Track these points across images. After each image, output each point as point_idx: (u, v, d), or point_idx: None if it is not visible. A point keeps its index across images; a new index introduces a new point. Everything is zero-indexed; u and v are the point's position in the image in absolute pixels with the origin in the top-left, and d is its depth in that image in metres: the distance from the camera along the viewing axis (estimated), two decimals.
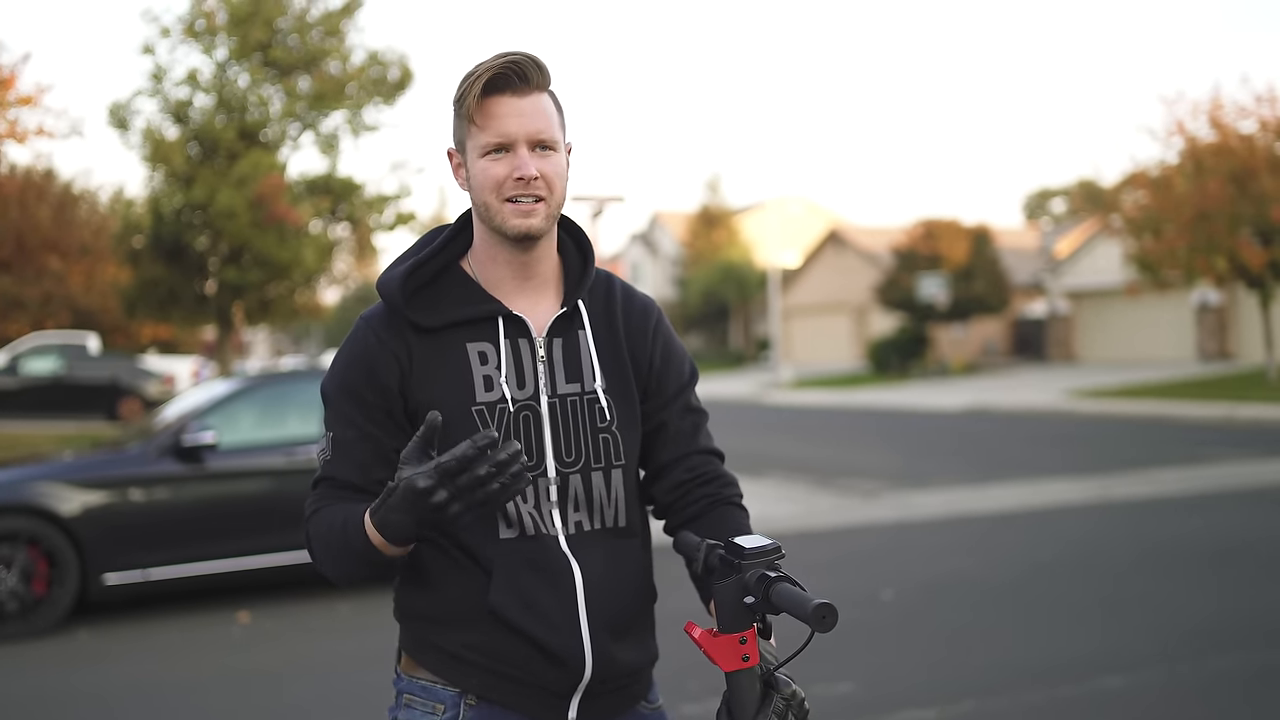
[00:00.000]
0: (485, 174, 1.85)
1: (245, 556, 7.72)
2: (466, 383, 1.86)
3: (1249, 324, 32.52)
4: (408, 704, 1.90)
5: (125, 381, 22.46)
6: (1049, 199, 79.80)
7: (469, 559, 1.85)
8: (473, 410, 1.84)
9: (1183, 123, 25.36)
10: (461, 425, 1.83)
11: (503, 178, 1.83)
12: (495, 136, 1.83)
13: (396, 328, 1.88)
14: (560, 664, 1.84)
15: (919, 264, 37.35)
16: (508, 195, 1.84)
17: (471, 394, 1.86)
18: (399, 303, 1.87)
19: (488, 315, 1.90)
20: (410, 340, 1.87)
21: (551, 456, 1.87)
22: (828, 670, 5.65)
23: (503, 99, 1.83)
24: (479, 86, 1.82)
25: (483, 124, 1.83)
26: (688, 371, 2.07)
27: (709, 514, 1.99)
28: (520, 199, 1.84)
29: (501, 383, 1.87)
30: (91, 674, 6.40)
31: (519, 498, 1.85)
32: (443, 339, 1.88)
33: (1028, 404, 24.08)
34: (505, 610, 1.82)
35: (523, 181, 1.83)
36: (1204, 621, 6.51)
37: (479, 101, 1.83)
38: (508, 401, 1.86)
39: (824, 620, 1.57)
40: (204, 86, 19.86)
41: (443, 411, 1.83)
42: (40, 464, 7.82)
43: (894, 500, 11.77)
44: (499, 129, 1.83)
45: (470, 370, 1.87)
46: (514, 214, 1.84)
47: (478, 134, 1.84)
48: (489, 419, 1.84)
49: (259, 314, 21.95)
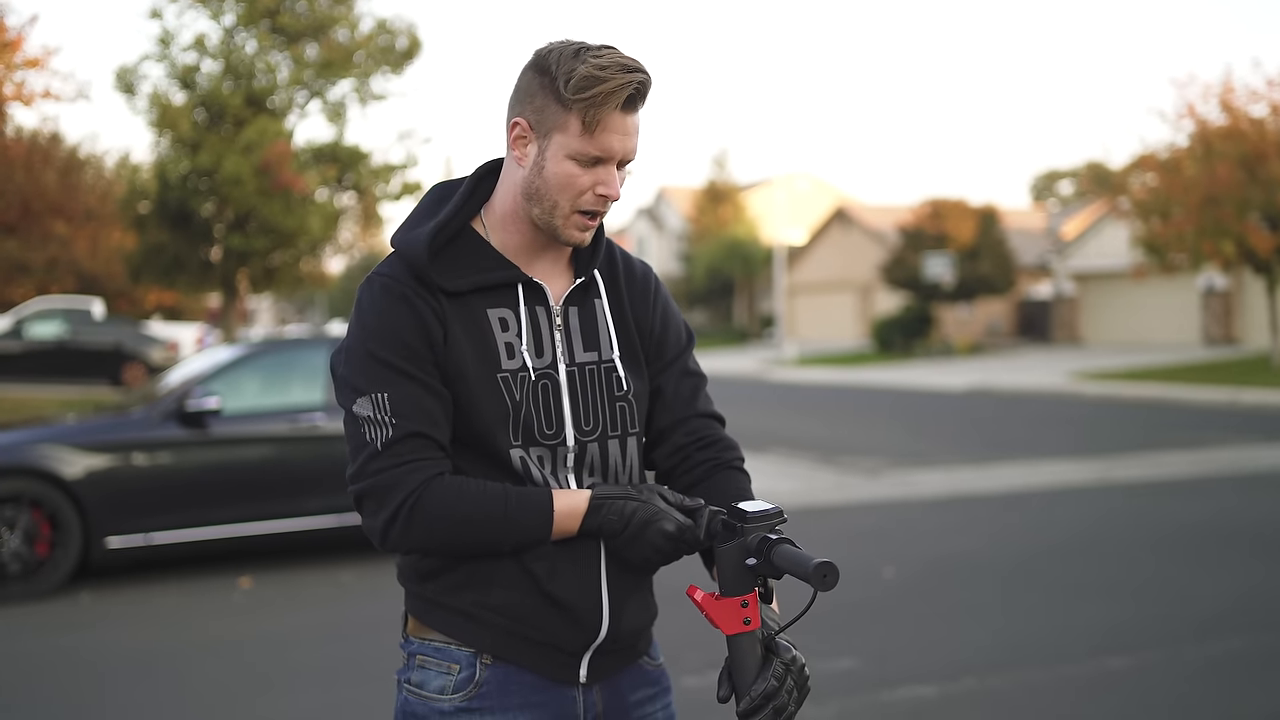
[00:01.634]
0: (569, 178, 1.79)
1: (248, 522, 7.73)
2: (491, 349, 1.84)
3: (1255, 309, 32.47)
4: (421, 665, 1.89)
5: (129, 347, 22.47)
6: (1057, 180, 79.59)
7: None
8: (498, 377, 1.83)
9: (1193, 105, 25.22)
10: (486, 393, 1.81)
11: (585, 188, 1.80)
12: (599, 150, 1.77)
13: (429, 287, 1.84)
14: (579, 623, 1.85)
15: (925, 243, 37.27)
16: (583, 207, 1.81)
17: (497, 361, 1.84)
18: (424, 264, 1.83)
19: (508, 282, 1.87)
20: (441, 302, 1.84)
21: (570, 425, 1.86)
22: (829, 646, 5.65)
23: (619, 116, 1.78)
24: (612, 102, 1.75)
25: (591, 131, 1.76)
26: (685, 335, 2.06)
27: (710, 478, 1.98)
28: (593, 214, 1.82)
29: (522, 350, 1.85)
30: (93, 636, 6.42)
31: (538, 464, 1.84)
32: (465, 303, 1.85)
33: (1031, 385, 24.05)
34: (532, 569, 1.82)
35: (604, 199, 1.81)
36: (1206, 604, 6.51)
37: (599, 109, 1.75)
38: (528, 370, 1.84)
39: (825, 579, 1.57)
40: (211, 52, 19.78)
41: (469, 378, 1.81)
42: (44, 427, 7.83)
43: (896, 479, 11.77)
44: (606, 144, 1.77)
45: (494, 336, 1.85)
46: (577, 226, 1.83)
47: (582, 139, 1.77)
48: (512, 386, 1.83)
49: (264, 281, 21.94)
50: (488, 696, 1.85)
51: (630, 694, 1.95)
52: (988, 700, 5.00)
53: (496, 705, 1.85)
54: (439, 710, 1.86)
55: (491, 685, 1.85)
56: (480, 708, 1.85)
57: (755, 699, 1.68)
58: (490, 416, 1.82)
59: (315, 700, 5.21)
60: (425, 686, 1.88)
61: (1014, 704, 4.97)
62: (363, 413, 1.79)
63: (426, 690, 1.87)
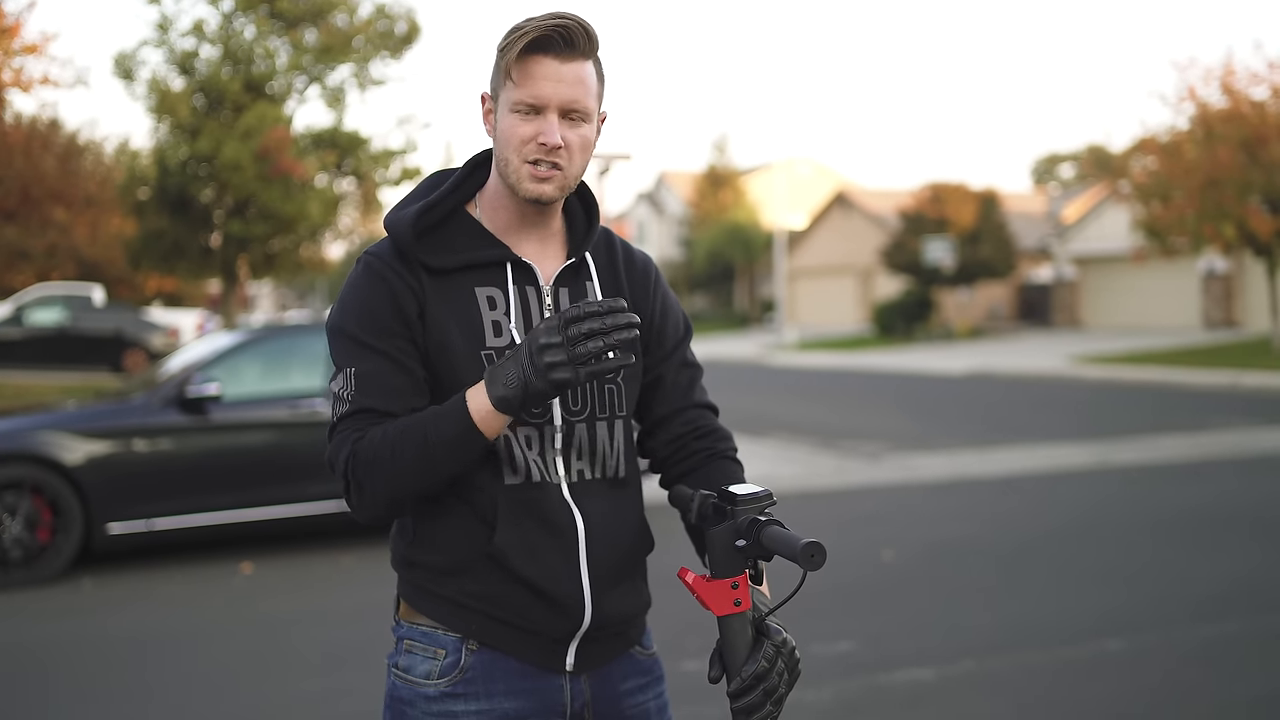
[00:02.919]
0: (512, 130, 1.82)
1: (249, 508, 7.75)
2: (476, 326, 1.86)
3: (1255, 292, 32.45)
4: (408, 649, 1.90)
5: (130, 333, 22.47)
6: (1057, 164, 79.45)
7: (468, 507, 1.86)
8: (482, 354, 1.84)
9: (1194, 88, 25.15)
10: (471, 369, 1.83)
11: (527, 138, 1.82)
12: (529, 97, 1.80)
13: (410, 265, 1.87)
14: (560, 610, 1.85)
15: (926, 227, 37.24)
16: (529, 157, 1.82)
17: (481, 338, 1.85)
18: (409, 241, 1.86)
19: (496, 260, 1.89)
20: (424, 279, 1.86)
21: (558, 404, 1.87)
22: (827, 629, 5.68)
23: (544, 60, 1.80)
24: (522, 43, 1.79)
25: (519, 81, 1.80)
26: (683, 326, 2.08)
27: (705, 467, 2.01)
28: (540, 163, 1.83)
29: (510, 328, 1.86)
30: (94, 622, 6.44)
31: (524, 444, 1.85)
32: (452, 281, 1.87)
33: (1032, 369, 24.06)
34: (508, 556, 1.83)
35: (545, 148, 1.82)
36: (1204, 586, 6.53)
37: (520, 58, 1.80)
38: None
39: (813, 559, 1.59)
40: (210, 38, 19.73)
41: (453, 355, 1.83)
42: (45, 413, 7.83)
43: (896, 462, 11.78)
44: (534, 90, 1.80)
45: (480, 314, 1.86)
46: (530, 177, 1.83)
47: (512, 89, 1.81)
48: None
49: (264, 267, 21.92)
50: (473, 682, 1.85)
51: (621, 683, 1.95)
52: (986, 683, 5.02)
53: (481, 691, 1.85)
54: (424, 695, 1.86)
55: (477, 671, 1.86)
56: (465, 693, 1.85)
57: (746, 680, 1.69)
58: None
59: (317, 684, 5.23)
60: (411, 671, 1.88)
61: (1012, 687, 4.99)
62: (334, 388, 1.85)
63: (412, 675, 1.88)
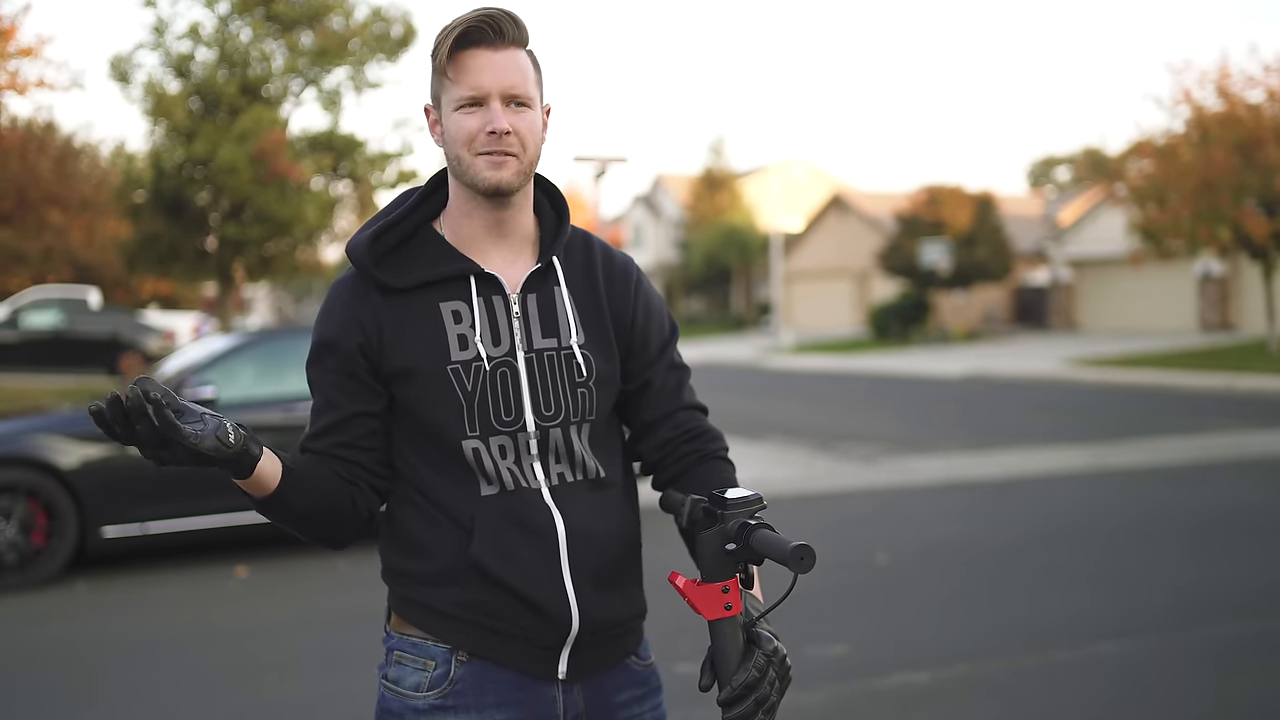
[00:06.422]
0: (458, 127, 1.83)
1: (243, 512, 7.73)
2: (441, 342, 1.86)
3: (1251, 295, 32.47)
4: (398, 660, 1.88)
5: (126, 336, 22.46)
6: (1053, 167, 79.50)
7: (449, 519, 1.85)
8: (448, 369, 1.84)
9: (1190, 91, 25.18)
10: (438, 384, 1.84)
11: (475, 131, 1.82)
12: (469, 89, 1.82)
13: (362, 292, 1.89)
14: (546, 617, 1.83)
15: (922, 230, 37.24)
16: (480, 149, 1.83)
17: (446, 353, 1.85)
18: (367, 265, 1.87)
19: (460, 274, 1.89)
20: (378, 304, 1.87)
21: (530, 411, 1.87)
22: (822, 632, 5.67)
23: (477, 52, 1.82)
24: (453, 39, 1.81)
25: (456, 77, 1.82)
26: (668, 328, 2.07)
27: (696, 469, 2.00)
28: (493, 152, 1.83)
29: (476, 341, 1.86)
30: (89, 626, 6.43)
31: (497, 455, 1.85)
32: (414, 300, 1.88)
33: (1028, 371, 24.08)
34: (486, 565, 1.82)
35: (495, 135, 1.82)
36: (1200, 589, 6.53)
37: (453, 55, 1.82)
38: (483, 359, 1.85)
39: (802, 561, 1.58)
40: (206, 40, 19.76)
41: (418, 372, 1.85)
42: (40, 417, 7.83)
43: (892, 465, 11.79)
44: (472, 82, 1.81)
45: (444, 329, 1.86)
46: (486, 166, 1.83)
47: (451, 87, 1.83)
48: (464, 377, 1.84)
49: (260, 270, 21.94)
50: (463, 694, 1.84)
51: (615, 694, 1.93)
52: (980, 686, 5.02)
53: (472, 703, 1.84)
54: (413, 708, 1.85)
55: (467, 683, 1.84)
56: (455, 705, 1.84)
57: (737, 689, 1.68)
58: (442, 409, 1.84)
59: (312, 688, 5.23)
60: (401, 683, 1.87)
61: (1007, 690, 4.99)
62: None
63: (402, 687, 1.87)
